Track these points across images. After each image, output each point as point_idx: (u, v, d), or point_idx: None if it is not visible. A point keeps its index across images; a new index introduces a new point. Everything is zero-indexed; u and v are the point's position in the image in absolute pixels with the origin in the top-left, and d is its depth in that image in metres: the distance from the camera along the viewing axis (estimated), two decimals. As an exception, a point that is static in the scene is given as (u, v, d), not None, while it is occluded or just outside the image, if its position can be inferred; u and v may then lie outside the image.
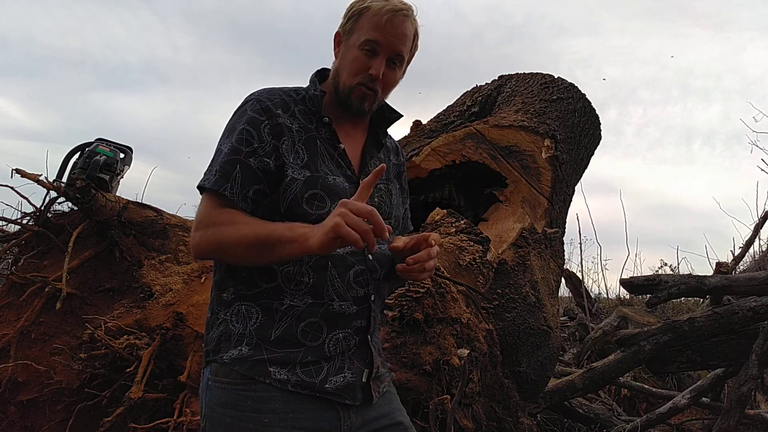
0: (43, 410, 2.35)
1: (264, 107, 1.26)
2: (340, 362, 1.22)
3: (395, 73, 1.32)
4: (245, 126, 1.23)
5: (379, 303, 1.33)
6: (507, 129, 3.51)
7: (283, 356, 1.19)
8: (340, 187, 1.26)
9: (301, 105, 1.32)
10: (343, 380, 1.21)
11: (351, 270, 1.24)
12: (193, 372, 2.22)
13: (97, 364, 2.29)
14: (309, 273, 1.21)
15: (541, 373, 2.92)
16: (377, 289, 1.30)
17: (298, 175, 1.22)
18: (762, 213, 6.45)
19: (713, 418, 3.76)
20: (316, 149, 1.27)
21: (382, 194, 1.36)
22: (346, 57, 1.30)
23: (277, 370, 1.18)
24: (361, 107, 1.31)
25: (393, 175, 1.44)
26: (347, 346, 1.24)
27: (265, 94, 1.29)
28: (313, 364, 1.20)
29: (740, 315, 3.36)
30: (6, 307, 2.56)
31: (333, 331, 1.22)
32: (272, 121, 1.24)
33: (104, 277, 2.66)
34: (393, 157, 1.48)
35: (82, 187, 2.53)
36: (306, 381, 1.19)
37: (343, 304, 1.23)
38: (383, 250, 1.30)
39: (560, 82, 3.97)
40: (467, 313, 2.46)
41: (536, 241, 3.19)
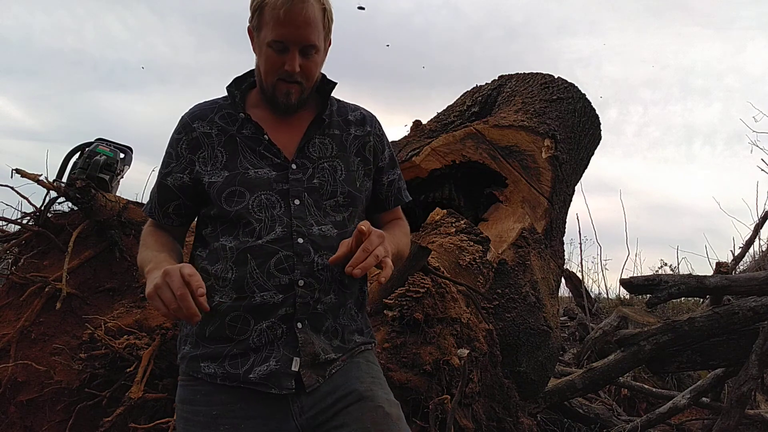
0: (43, 410, 2.35)
1: (183, 124, 1.33)
2: (267, 352, 1.22)
3: (313, 59, 1.28)
4: (168, 148, 1.34)
5: (318, 286, 1.25)
6: (507, 129, 3.51)
7: (213, 351, 1.22)
8: (263, 178, 1.27)
9: (226, 109, 1.34)
10: (266, 369, 1.20)
11: (273, 258, 1.22)
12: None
13: (97, 364, 2.29)
14: (232, 269, 1.23)
15: (541, 373, 2.92)
16: (310, 272, 1.24)
17: (216, 178, 1.27)
18: (762, 213, 6.46)
19: (713, 418, 3.76)
20: (235, 147, 1.29)
21: (324, 173, 1.31)
22: (261, 55, 1.29)
23: (207, 365, 1.22)
24: (289, 102, 1.30)
25: (353, 149, 1.38)
26: (274, 335, 1.22)
27: (189, 110, 1.36)
28: (241, 356, 1.21)
29: (740, 315, 3.36)
30: (6, 307, 2.56)
31: (258, 322, 1.22)
32: (188, 136, 1.31)
33: (104, 277, 2.66)
34: (356, 129, 1.40)
35: (82, 187, 2.53)
36: (231, 373, 1.20)
37: (265, 294, 1.21)
38: (324, 232, 1.27)
39: (560, 82, 3.98)
40: (467, 313, 2.46)
41: (536, 241, 3.19)
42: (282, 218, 1.25)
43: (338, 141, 1.37)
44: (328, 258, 1.25)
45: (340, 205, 1.32)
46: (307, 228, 1.26)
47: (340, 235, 1.29)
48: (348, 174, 1.35)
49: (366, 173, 1.39)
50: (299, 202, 1.27)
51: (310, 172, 1.30)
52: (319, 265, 1.26)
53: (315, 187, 1.29)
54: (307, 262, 1.24)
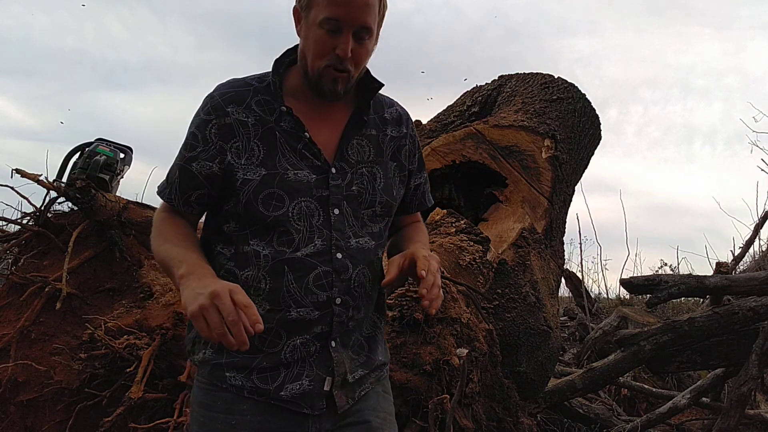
0: (43, 410, 2.35)
1: (214, 105, 1.19)
2: (299, 369, 1.16)
3: (365, 46, 1.17)
4: (193, 129, 1.20)
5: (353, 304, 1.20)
6: (507, 129, 3.51)
7: (241, 361, 1.15)
8: (303, 182, 1.17)
9: (262, 94, 1.21)
10: (299, 388, 1.15)
11: (311, 273, 1.15)
12: (193, 372, 2.22)
13: (97, 364, 2.29)
14: (266, 278, 1.15)
15: (541, 373, 2.92)
16: (348, 290, 1.18)
17: (252, 175, 1.15)
18: (762, 213, 6.46)
19: (713, 418, 3.76)
20: (274, 143, 1.18)
21: (363, 180, 1.22)
22: (308, 37, 1.16)
23: (233, 375, 1.15)
24: (335, 90, 1.18)
25: (389, 152, 1.29)
26: (307, 352, 1.17)
27: (220, 89, 1.21)
28: (270, 371, 1.15)
29: (740, 315, 3.36)
30: (6, 307, 2.56)
31: (292, 337, 1.16)
32: (220, 121, 1.17)
33: (104, 277, 2.66)
34: (392, 129, 1.31)
35: (82, 187, 2.53)
36: (261, 387, 1.15)
37: (302, 310, 1.15)
38: (361, 244, 1.21)
39: (560, 82, 3.98)
40: (467, 313, 2.46)
41: (536, 241, 3.19)
42: (321, 230, 1.17)
43: (375, 143, 1.27)
44: (365, 273, 1.21)
45: (377, 215, 1.25)
46: (345, 241, 1.19)
47: (378, 246, 1.24)
48: (386, 181, 1.26)
49: (401, 180, 1.31)
50: (338, 211, 1.19)
51: (349, 178, 1.21)
52: (355, 282, 1.20)
53: (354, 195, 1.21)
54: (345, 279, 1.18)
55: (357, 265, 1.20)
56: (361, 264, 1.21)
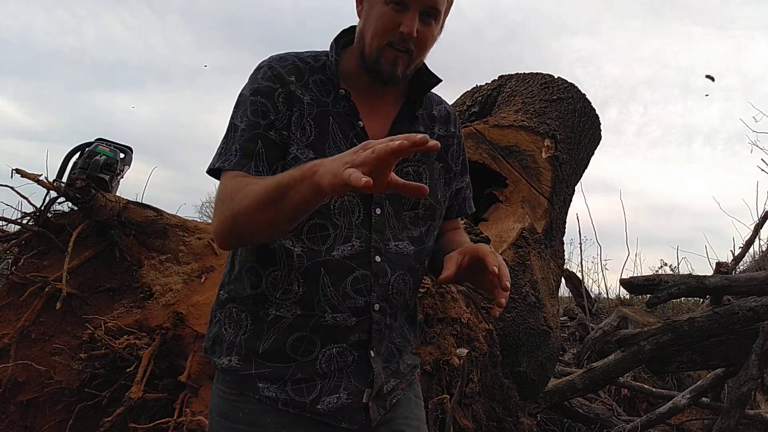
0: (43, 410, 2.35)
1: (276, 74, 1.10)
2: (336, 380, 1.08)
3: (431, 28, 1.08)
4: (258, 98, 1.08)
5: (390, 311, 1.12)
6: (507, 129, 3.51)
7: (273, 372, 1.07)
8: None
9: (318, 74, 1.13)
10: (337, 401, 1.08)
11: (349, 276, 1.07)
12: (193, 372, 2.22)
13: (97, 364, 2.29)
14: (298, 280, 1.06)
15: (541, 373, 2.92)
16: (385, 296, 1.10)
17: (301, 154, 1.06)
18: (762, 213, 6.46)
19: (713, 418, 3.76)
20: (326, 127, 1.09)
21: (408, 179, 1.13)
22: (370, 15, 1.08)
23: (266, 386, 1.07)
24: (394, 73, 1.09)
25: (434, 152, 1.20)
26: (344, 362, 1.09)
27: (277, 60, 1.12)
28: (306, 382, 1.07)
29: (740, 315, 3.36)
30: (6, 307, 2.56)
31: (327, 345, 1.08)
32: (285, 89, 1.09)
33: (104, 277, 2.66)
34: (440, 128, 1.23)
35: (82, 187, 2.53)
36: (296, 400, 1.06)
37: (338, 315, 1.07)
38: (400, 248, 1.12)
39: (560, 82, 3.98)
40: (467, 313, 2.46)
41: (536, 241, 3.19)
42: (360, 229, 1.08)
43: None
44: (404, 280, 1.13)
45: (420, 218, 1.16)
46: (385, 243, 1.10)
47: (417, 252, 1.15)
48: (431, 182, 1.18)
49: (446, 182, 1.23)
50: (380, 211, 1.11)
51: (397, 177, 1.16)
52: (394, 288, 1.12)
53: (397, 195, 1.10)
54: (383, 284, 1.10)
55: (395, 270, 1.12)
56: (400, 269, 1.13)
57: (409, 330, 1.22)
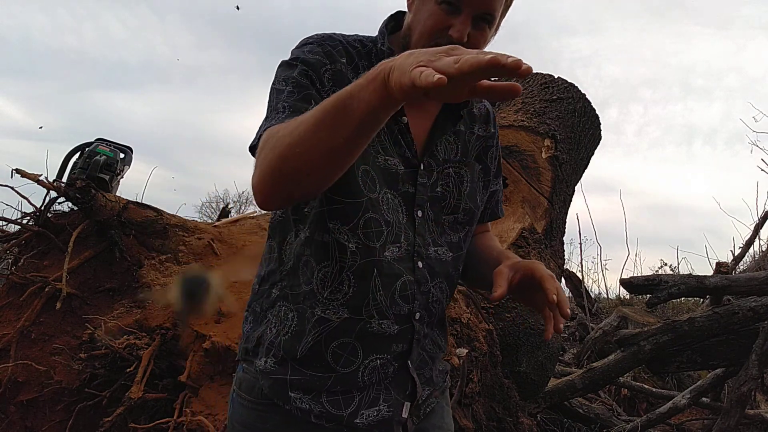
0: (43, 410, 2.35)
1: (326, 52, 1.00)
2: (374, 392, 1.02)
3: (484, 33, 0.99)
4: (305, 67, 0.97)
5: (428, 320, 1.07)
6: (507, 129, 3.51)
7: (309, 381, 0.99)
8: (392, 171, 1.01)
9: (365, 60, 1.04)
10: (377, 414, 1.01)
11: (398, 281, 1.00)
12: (193, 372, 2.22)
13: (97, 364, 2.29)
14: (349, 279, 0.98)
15: (541, 373, 2.92)
16: (426, 305, 1.05)
17: None
18: (762, 213, 6.45)
19: (713, 418, 3.76)
20: None
21: (449, 182, 1.08)
22: (420, 11, 1.00)
23: (299, 397, 0.99)
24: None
25: (474, 153, 1.14)
26: (384, 374, 1.02)
27: (326, 39, 1.03)
28: (343, 393, 1.00)
29: (740, 315, 3.36)
30: (6, 307, 2.56)
31: (370, 355, 1.01)
32: (333, 66, 0.99)
33: (104, 277, 2.66)
34: (480, 127, 1.16)
35: (82, 187, 2.53)
36: (332, 413, 0.99)
37: (384, 322, 1.00)
38: (439, 254, 1.07)
39: (560, 82, 3.98)
40: (467, 313, 2.47)
41: (536, 241, 3.19)
42: (407, 231, 1.02)
43: (462, 141, 1.12)
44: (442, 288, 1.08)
45: (459, 222, 1.10)
46: (425, 248, 1.04)
47: (455, 259, 1.10)
48: (472, 186, 1.12)
49: (485, 185, 1.17)
50: (421, 214, 1.04)
51: (435, 177, 1.06)
52: (433, 296, 1.06)
53: (437, 198, 1.06)
54: (424, 292, 1.05)
55: (434, 278, 1.06)
56: (438, 277, 1.07)
57: (440, 335, 1.16)
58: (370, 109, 0.73)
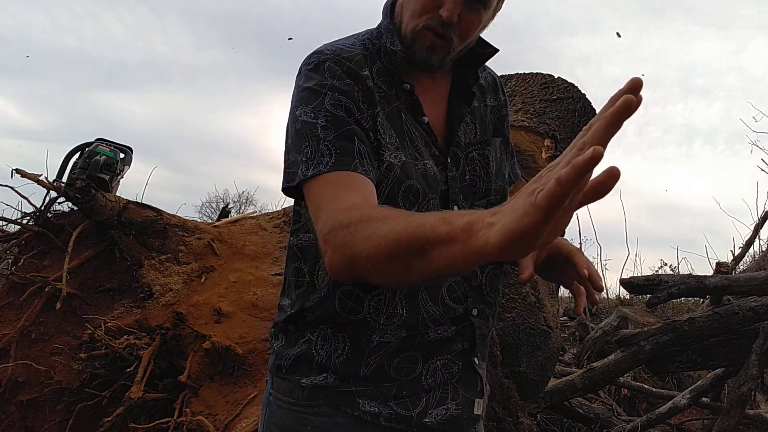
0: (43, 410, 2.35)
1: (347, 70, 0.93)
2: (441, 392, 1.00)
3: (478, 14, 0.93)
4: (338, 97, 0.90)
5: (486, 314, 1.04)
6: (507, 129, 3.51)
7: (375, 390, 0.98)
8: (431, 174, 0.96)
9: (378, 61, 0.98)
10: (445, 413, 0.99)
11: (444, 285, 0.98)
12: (193, 372, 2.22)
13: (97, 364, 2.29)
14: (402, 302, 0.95)
15: (541, 373, 2.92)
16: (481, 297, 1.02)
17: (394, 159, 0.92)
18: (762, 213, 6.44)
19: (713, 418, 3.76)
20: (401, 124, 0.96)
21: (475, 166, 1.02)
22: None
23: (367, 402, 0.97)
24: (429, 60, 0.95)
25: (491, 127, 1.08)
26: (449, 374, 1.01)
27: (339, 52, 0.96)
28: (410, 397, 0.98)
29: (740, 315, 3.36)
30: (6, 307, 2.56)
31: (429, 359, 0.99)
32: (362, 85, 0.93)
33: (104, 277, 2.66)
34: (491, 97, 1.10)
35: (82, 187, 2.53)
36: (401, 414, 0.97)
37: (440, 329, 0.98)
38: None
39: (560, 82, 3.97)
40: (467, 313, 2.47)
41: (536, 241, 3.20)
42: None
43: (479, 117, 1.06)
44: (496, 274, 1.04)
45: (492, 203, 1.04)
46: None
47: None
48: (497, 163, 1.07)
49: (507, 156, 1.11)
50: (457, 208, 1.00)
51: (462, 166, 1.01)
52: (487, 287, 1.03)
53: (467, 186, 1.02)
54: (476, 286, 1.01)
55: (484, 267, 1.02)
56: (489, 265, 1.03)
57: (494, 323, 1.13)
58: (454, 266, 0.65)
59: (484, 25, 0.98)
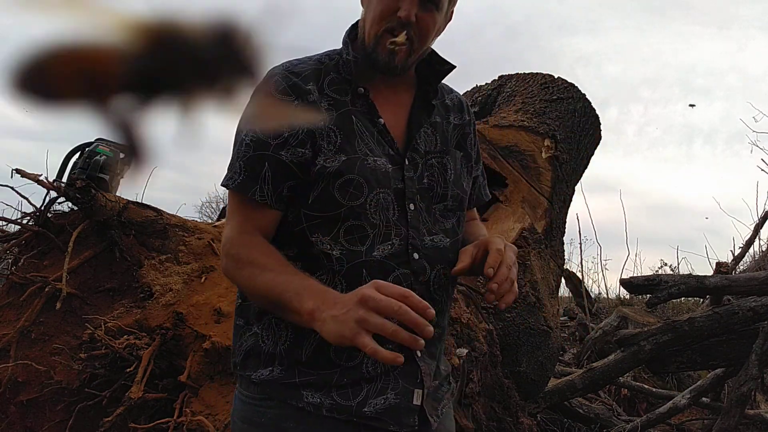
0: (43, 410, 2.35)
1: (292, 85, 1.05)
2: (383, 383, 1.05)
3: (433, 15, 1.04)
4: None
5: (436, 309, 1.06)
6: (507, 129, 3.51)
7: (317, 379, 1.04)
8: (381, 170, 1.06)
9: (333, 73, 1.09)
10: (384, 402, 1.04)
11: (390, 276, 1.04)
12: (193, 372, 2.22)
13: (97, 364, 2.29)
14: (341, 284, 1.03)
15: (541, 373, 2.92)
16: (428, 293, 1.08)
17: (330, 162, 1.03)
18: (762, 213, 6.45)
19: (713, 418, 3.76)
20: (351, 127, 1.07)
21: (433, 172, 1.12)
22: (371, 2, 1.06)
23: (310, 393, 1.04)
24: (391, 62, 1.05)
25: (453, 141, 1.19)
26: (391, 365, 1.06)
27: (291, 67, 1.07)
28: (351, 386, 1.04)
29: (740, 315, 3.36)
30: (6, 307, 2.56)
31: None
32: (304, 100, 1.04)
33: (104, 277, 2.66)
34: (455, 116, 1.21)
35: (82, 187, 2.53)
36: (342, 405, 1.03)
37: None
38: (435, 243, 1.11)
39: (560, 82, 3.97)
40: (467, 313, 2.47)
41: (536, 241, 3.19)
42: (398, 226, 1.06)
43: (440, 131, 1.17)
44: (445, 275, 1.11)
45: (449, 209, 1.14)
46: (421, 239, 1.08)
47: (453, 244, 1.13)
48: (456, 173, 1.16)
49: (468, 171, 1.21)
50: (413, 207, 1.09)
51: (420, 170, 1.11)
52: (435, 284, 1.10)
53: (425, 189, 1.11)
54: (424, 282, 1.08)
55: (434, 266, 1.10)
56: (439, 264, 1.10)
57: (444, 328, 1.20)
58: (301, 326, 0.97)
59: (439, 28, 1.09)
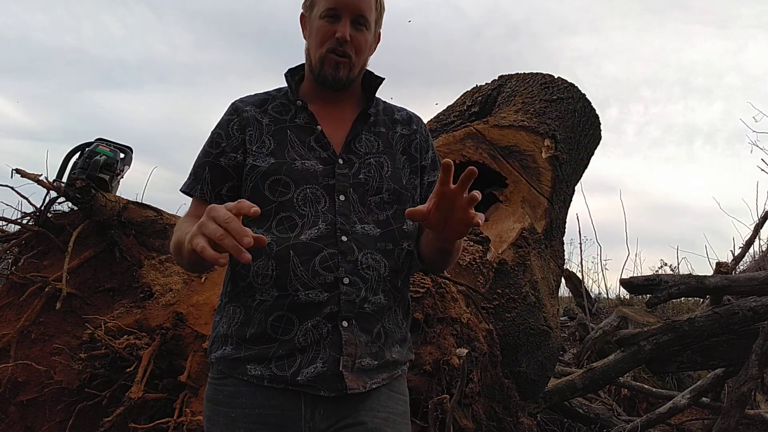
0: (43, 410, 2.35)
1: (235, 107, 1.32)
2: (313, 353, 1.18)
3: (363, 34, 1.27)
4: (217, 129, 1.31)
5: (359, 285, 1.21)
6: (507, 129, 3.51)
7: (258, 352, 1.19)
8: (310, 170, 1.24)
9: (280, 99, 1.33)
10: (314, 371, 1.16)
11: (317, 256, 1.19)
12: (193, 372, 2.22)
13: (97, 364, 2.29)
14: (272, 265, 1.19)
15: (541, 373, 2.92)
16: (355, 271, 1.20)
17: (261, 162, 1.24)
18: (762, 213, 6.44)
19: (713, 418, 3.76)
20: (284, 138, 1.27)
21: (370, 169, 1.29)
22: (311, 31, 1.29)
23: (253, 367, 1.19)
24: (337, 76, 1.27)
25: (399, 147, 1.35)
26: (320, 335, 1.18)
27: (244, 98, 1.34)
28: (287, 357, 1.18)
29: (740, 315, 3.36)
30: (6, 307, 2.56)
31: (304, 321, 1.18)
32: (240, 117, 1.29)
33: (104, 277, 2.66)
34: (402, 128, 1.38)
35: (82, 187, 2.53)
36: (278, 375, 1.17)
37: (311, 292, 1.18)
38: (366, 230, 1.24)
39: (560, 82, 3.97)
40: (467, 313, 2.47)
41: (536, 241, 3.19)
42: (326, 215, 1.22)
43: (384, 138, 1.34)
44: (374, 258, 1.23)
45: (385, 202, 1.28)
46: (351, 226, 1.23)
47: (383, 234, 1.26)
48: (394, 171, 1.31)
49: (412, 171, 1.36)
50: (344, 198, 1.24)
51: (357, 167, 1.27)
52: (363, 264, 1.22)
53: (360, 183, 1.27)
54: (351, 261, 1.21)
55: (362, 249, 1.22)
56: (367, 248, 1.23)
57: (403, 320, 1.31)
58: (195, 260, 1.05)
59: (370, 45, 1.31)
